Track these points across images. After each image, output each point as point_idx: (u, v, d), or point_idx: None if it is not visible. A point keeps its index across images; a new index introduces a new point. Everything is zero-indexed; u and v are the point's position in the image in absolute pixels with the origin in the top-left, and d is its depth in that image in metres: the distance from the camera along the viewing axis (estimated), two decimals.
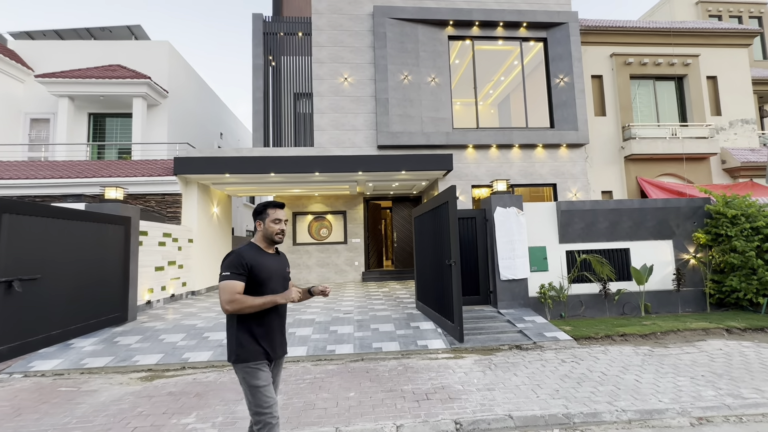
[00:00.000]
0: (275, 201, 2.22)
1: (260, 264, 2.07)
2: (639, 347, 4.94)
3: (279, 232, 2.17)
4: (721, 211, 6.51)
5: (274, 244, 2.21)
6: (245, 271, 2.02)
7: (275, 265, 2.16)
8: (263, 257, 2.13)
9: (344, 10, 10.59)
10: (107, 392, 3.93)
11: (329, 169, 9.14)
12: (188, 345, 5.19)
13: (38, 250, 4.63)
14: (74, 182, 8.77)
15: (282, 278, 2.20)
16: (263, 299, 1.99)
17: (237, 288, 1.97)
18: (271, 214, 2.16)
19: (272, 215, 2.16)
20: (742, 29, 11.79)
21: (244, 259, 2.04)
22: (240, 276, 2.00)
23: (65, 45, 12.53)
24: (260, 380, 2.02)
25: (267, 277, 2.10)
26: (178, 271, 8.75)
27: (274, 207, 2.18)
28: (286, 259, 2.36)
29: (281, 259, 2.28)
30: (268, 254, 2.19)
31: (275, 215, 2.16)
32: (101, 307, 5.69)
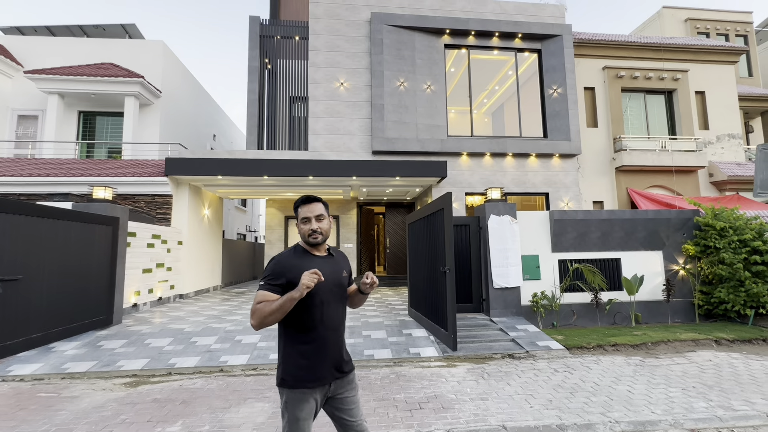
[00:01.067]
0: (305, 196, 1.85)
1: (303, 267, 1.68)
2: (630, 357, 4.95)
3: (311, 233, 1.77)
4: (709, 224, 6.61)
5: (312, 246, 1.82)
6: (282, 281, 1.68)
7: (325, 269, 1.73)
8: (306, 261, 1.75)
9: (342, 16, 10.62)
10: (89, 398, 3.80)
11: (323, 173, 9.09)
12: (175, 350, 5.06)
13: (21, 249, 4.48)
14: (61, 181, 8.57)
15: (335, 286, 1.80)
16: (279, 301, 1.59)
17: (266, 299, 1.63)
18: (299, 213, 1.81)
19: (300, 214, 1.81)
20: (729, 47, 12.12)
21: (279, 265, 1.72)
22: (273, 286, 1.67)
23: (57, 41, 12.34)
24: (302, 411, 1.66)
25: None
26: (166, 274, 8.58)
27: (301, 204, 1.83)
28: (345, 261, 1.94)
29: (335, 262, 1.86)
30: (315, 257, 1.80)
31: (302, 213, 1.80)
32: (85, 310, 5.53)
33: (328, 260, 1.84)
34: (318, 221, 1.79)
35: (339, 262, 1.89)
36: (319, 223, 1.79)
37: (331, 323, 1.75)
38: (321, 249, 1.85)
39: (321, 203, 1.84)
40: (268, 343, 5.30)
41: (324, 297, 1.73)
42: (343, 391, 1.78)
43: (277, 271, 1.70)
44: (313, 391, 1.69)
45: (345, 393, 1.79)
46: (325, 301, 1.74)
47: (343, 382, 1.79)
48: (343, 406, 1.78)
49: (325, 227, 1.81)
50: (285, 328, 1.74)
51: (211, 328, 5.94)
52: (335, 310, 1.78)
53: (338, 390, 1.77)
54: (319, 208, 1.82)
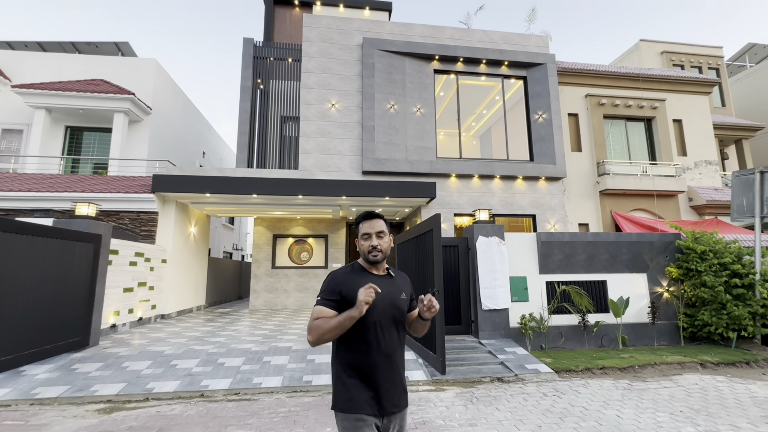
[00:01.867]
0: (367, 212, 1.80)
1: (360, 284, 1.61)
2: (618, 381, 4.94)
3: (371, 250, 1.70)
4: (690, 247, 6.78)
5: (371, 263, 1.74)
6: (337, 297, 1.64)
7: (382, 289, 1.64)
8: (363, 279, 1.67)
9: (335, 40, 10.90)
10: (59, 426, 3.59)
11: (313, 192, 9.09)
12: (154, 374, 4.85)
13: None
14: (44, 196, 8.38)
15: (392, 307, 1.69)
16: (339, 318, 1.54)
17: (322, 314, 1.60)
18: (360, 229, 1.75)
19: (361, 230, 1.75)
20: (702, 78, 12.78)
21: (335, 281, 1.68)
22: (329, 302, 1.63)
23: (47, 57, 12.32)
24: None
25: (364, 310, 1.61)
26: (148, 293, 8.33)
27: (363, 220, 1.77)
28: (405, 282, 1.83)
29: (393, 283, 1.76)
30: (373, 276, 1.73)
31: (363, 229, 1.74)
32: (60, 331, 5.30)
33: (387, 280, 1.75)
34: (379, 238, 1.72)
35: (398, 283, 1.78)
36: (379, 240, 1.72)
37: (385, 348, 1.63)
38: (380, 268, 1.77)
39: (383, 220, 1.77)
40: (252, 366, 5.14)
41: (378, 318, 1.63)
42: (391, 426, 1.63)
43: (333, 286, 1.66)
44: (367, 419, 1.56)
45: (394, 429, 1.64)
46: (379, 323, 1.63)
47: (395, 417, 1.64)
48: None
49: (385, 245, 1.74)
50: (337, 349, 1.67)
51: (193, 351, 5.74)
52: (390, 334, 1.66)
53: (389, 425, 1.63)
54: (381, 224, 1.74)
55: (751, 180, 6.67)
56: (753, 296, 6.24)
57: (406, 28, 11.30)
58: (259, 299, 11.49)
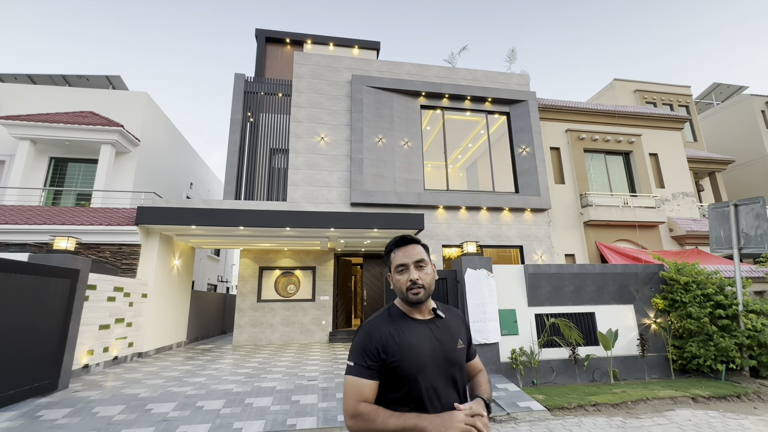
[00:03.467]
0: (400, 237, 1.39)
1: (400, 345, 1.27)
2: (612, 418, 4.83)
3: (411, 287, 1.31)
4: (674, 278, 6.88)
5: (412, 305, 1.34)
6: (376, 361, 1.26)
7: (430, 344, 1.30)
8: (407, 330, 1.31)
9: (324, 76, 11.26)
10: None
11: (301, 224, 9.04)
12: (126, 420, 4.55)
13: None
14: (21, 229, 8.11)
15: (447, 363, 1.29)
16: (403, 422, 1.16)
17: (363, 393, 1.23)
18: (393, 260, 1.37)
19: (394, 261, 1.36)
20: (674, 115, 13.51)
21: (372, 340, 1.28)
22: (368, 369, 1.25)
23: (35, 89, 12.35)
24: None
25: (415, 369, 1.25)
26: (125, 330, 7.97)
27: (395, 247, 1.38)
28: (460, 325, 1.42)
29: (446, 329, 1.36)
30: (417, 322, 1.34)
31: (397, 259, 1.35)
32: (27, 374, 4.98)
33: (437, 326, 1.35)
34: (419, 269, 1.33)
35: (451, 327, 1.38)
36: (420, 271, 1.32)
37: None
38: (424, 310, 1.36)
39: (420, 245, 1.38)
40: (233, 409, 4.88)
41: (431, 383, 1.25)
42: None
43: (369, 346, 1.27)
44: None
45: None
46: (432, 389, 1.25)
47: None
48: None
49: (428, 279, 1.33)
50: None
51: (170, 393, 5.44)
52: (448, 398, 1.27)
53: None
54: (419, 251, 1.35)
55: (726, 213, 6.91)
56: (738, 327, 6.30)
57: (394, 66, 11.77)
58: (243, 334, 11.08)
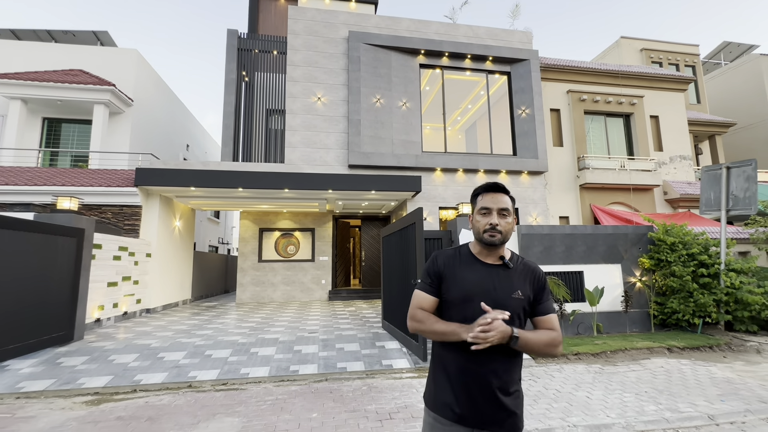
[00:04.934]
0: (489, 183, 1.49)
1: (457, 275, 1.43)
2: (591, 365, 5.22)
3: (488, 229, 1.41)
4: (662, 239, 7.11)
5: (488, 246, 1.43)
6: (435, 280, 1.46)
7: (483, 284, 1.41)
8: (468, 267, 1.45)
9: (320, 33, 10.86)
10: (47, 418, 3.64)
11: (299, 186, 9.13)
12: (141, 366, 4.91)
13: None
14: (23, 190, 8.20)
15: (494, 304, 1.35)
16: (445, 327, 1.37)
17: (422, 302, 1.46)
18: (478, 203, 1.47)
19: (479, 203, 1.46)
20: (678, 76, 13.20)
21: (436, 265, 1.48)
22: (429, 286, 1.46)
23: (22, 45, 11.91)
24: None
25: (463, 297, 1.41)
26: (132, 287, 8.30)
27: (483, 191, 1.48)
28: (527, 277, 1.45)
29: (507, 276, 1.43)
30: (480, 264, 1.45)
31: (483, 203, 1.45)
32: (44, 326, 5.29)
33: (499, 272, 1.44)
34: (501, 216, 1.42)
35: (514, 277, 1.43)
36: (502, 219, 1.41)
37: (479, 354, 1.31)
38: (495, 255, 1.45)
39: (509, 196, 1.47)
40: (239, 357, 5.24)
41: (476, 314, 1.34)
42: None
43: (434, 268, 1.47)
44: (450, 425, 1.36)
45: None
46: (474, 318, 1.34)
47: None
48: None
49: (507, 227, 1.42)
50: (432, 342, 1.51)
51: (180, 343, 5.80)
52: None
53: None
54: (506, 201, 1.44)
55: (718, 175, 7.02)
56: (718, 285, 6.61)
57: (392, 21, 11.32)
58: (245, 292, 11.51)
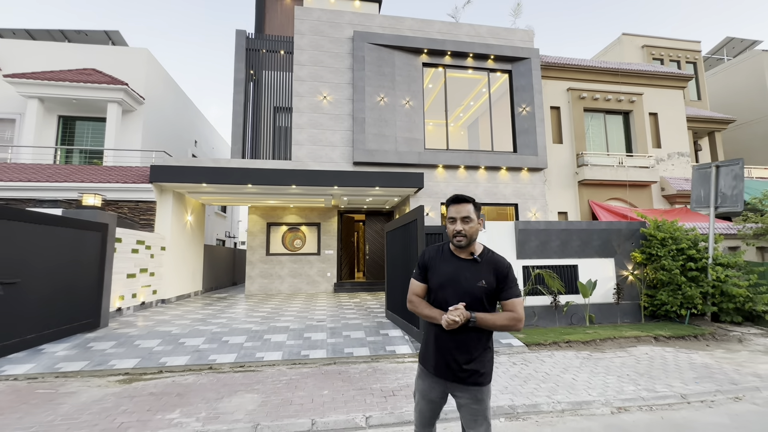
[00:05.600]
0: (455, 195, 1.83)
1: (437, 267, 1.82)
2: (580, 352, 5.61)
3: (455, 234, 1.76)
4: (653, 234, 7.44)
5: (455, 248, 1.83)
6: (422, 270, 1.87)
7: (455, 274, 1.78)
8: (447, 261, 1.82)
9: (325, 33, 11.15)
10: (87, 393, 4.08)
11: (306, 182, 9.50)
12: (164, 350, 5.35)
13: (18, 254, 4.72)
14: (44, 186, 8.63)
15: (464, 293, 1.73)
16: (429, 311, 1.78)
17: (415, 289, 1.89)
18: (448, 212, 1.81)
19: (448, 213, 1.81)
20: (678, 73, 13.39)
21: (424, 258, 1.88)
22: (419, 275, 1.87)
23: (37, 45, 12.29)
24: (418, 385, 1.91)
25: (439, 285, 1.81)
26: (149, 279, 8.75)
27: (451, 202, 1.83)
28: (491, 269, 1.79)
29: (476, 269, 1.78)
30: (456, 259, 1.82)
31: (450, 213, 1.79)
32: (74, 313, 5.74)
33: (469, 265, 1.80)
34: (464, 223, 1.76)
35: (481, 269, 1.78)
36: (465, 225, 1.76)
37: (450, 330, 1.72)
38: (466, 252, 1.83)
39: (471, 204, 1.80)
40: (254, 343, 5.67)
41: (448, 297, 1.75)
42: (460, 395, 1.82)
43: (422, 262, 1.90)
44: (430, 376, 1.84)
45: (461, 399, 1.82)
46: (446, 302, 1.75)
47: (459, 388, 1.80)
48: (459, 409, 1.85)
49: (470, 230, 1.76)
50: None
51: (198, 330, 6.24)
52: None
53: (455, 392, 1.82)
54: (468, 209, 1.77)
55: (708, 173, 7.32)
56: (705, 278, 6.95)
57: (395, 21, 11.59)
58: (254, 285, 11.97)
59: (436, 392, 1.86)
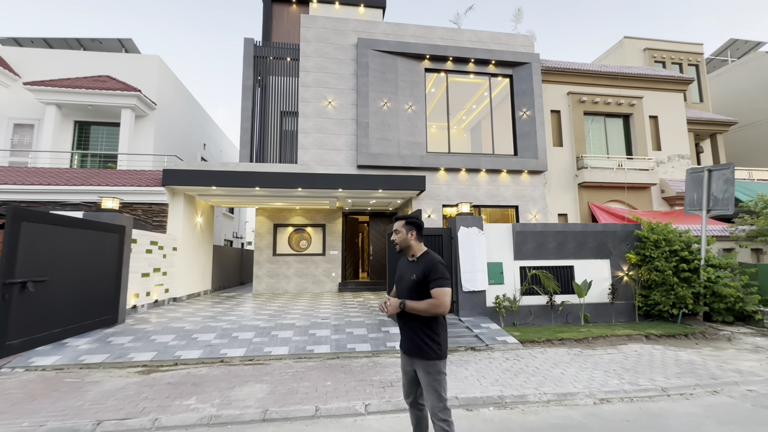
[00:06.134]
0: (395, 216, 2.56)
1: (398, 268, 2.57)
2: (572, 349, 5.87)
3: (395, 243, 2.53)
4: (646, 236, 7.66)
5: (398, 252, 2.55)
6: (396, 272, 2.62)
7: (404, 272, 2.47)
8: (403, 263, 2.56)
9: (330, 40, 11.50)
10: (110, 383, 4.44)
11: (312, 185, 9.84)
12: (179, 344, 5.71)
13: (47, 254, 5.11)
14: (62, 189, 9.07)
15: (404, 282, 2.42)
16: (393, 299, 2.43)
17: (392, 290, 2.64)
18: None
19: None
20: (678, 77, 13.52)
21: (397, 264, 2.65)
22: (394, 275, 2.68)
23: (54, 53, 12.79)
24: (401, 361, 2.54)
25: (396, 280, 2.55)
26: (162, 278, 9.15)
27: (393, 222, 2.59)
28: (422, 267, 2.37)
29: (414, 267, 2.42)
30: (406, 260, 2.54)
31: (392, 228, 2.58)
32: (95, 310, 6.13)
33: (410, 264, 2.48)
34: (396, 234, 2.52)
35: (416, 267, 2.41)
36: (396, 235, 2.52)
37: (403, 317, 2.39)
38: (409, 254, 2.52)
39: (400, 221, 2.52)
40: (262, 338, 6.01)
41: (399, 288, 2.50)
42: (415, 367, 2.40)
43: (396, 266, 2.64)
44: (401, 352, 2.50)
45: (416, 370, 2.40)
46: (399, 293, 2.49)
47: (413, 361, 2.39)
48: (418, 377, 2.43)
49: (398, 239, 2.51)
50: None
51: (210, 327, 6.60)
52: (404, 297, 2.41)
53: (413, 365, 2.40)
54: (396, 225, 2.53)
55: (701, 177, 7.52)
56: (697, 279, 7.17)
57: (398, 28, 11.90)
58: (261, 284, 12.34)
59: (405, 364, 2.49)
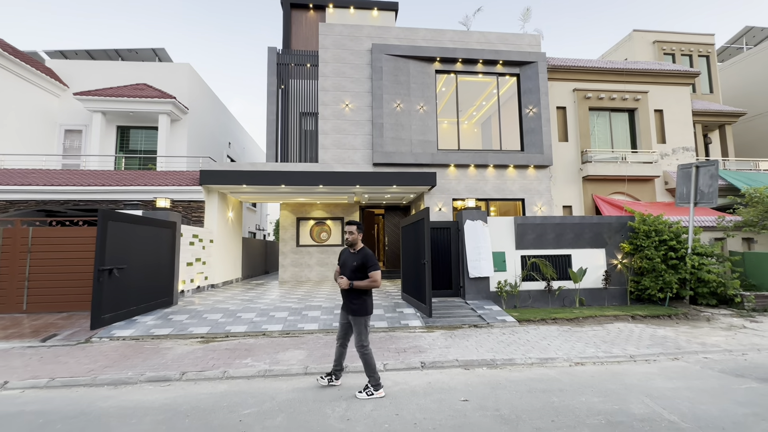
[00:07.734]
0: (347, 221, 4.06)
1: (342, 258, 3.98)
2: (562, 326, 6.73)
3: (346, 239, 3.93)
4: (638, 227, 8.37)
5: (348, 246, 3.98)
6: (338, 260, 4.04)
7: (347, 260, 3.88)
8: (345, 254, 3.98)
9: (347, 46, 12.34)
10: (180, 349, 5.57)
11: (331, 182, 10.83)
12: (227, 321, 6.83)
13: (123, 246, 6.26)
14: (115, 190, 10.33)
15: (349, 268, 3.82)
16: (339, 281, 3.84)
17: (337, 268, 4.00)
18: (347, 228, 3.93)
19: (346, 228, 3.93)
20: (684, 70, 13.83)
21: (340, 254, 4.05)
22: (338, 263, 4.07)
23: (96, 64, 14.07)
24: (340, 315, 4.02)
25: (341, 266, 3.96)
26: (202, 267, 10.36)
27: (345, 224, 3.94)
28: (362, 256, 3.79)
29: (355, 256, 3.84)
30: (350, 251, 3.93)
31: (345, 228, 3.94)
32: (156, 292, 7.31)
33: (351, 254, 3.95)
34: (348, 234, 3.92)
35: (356, 257, 3.87)
36: (349, 235, 3.92)
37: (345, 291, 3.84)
38: (353, 248, 3.93)
39: (353, 225, 3.90)
40: (295, 317, 7.08)
41: (345, 273, 3.89)
42: (350, 319, 3.88)
43: (340, 256, 4.06)
44: (341, 310, 3.99)
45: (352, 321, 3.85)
46: (345, 275, 3.87)
47: (348, 316, 3.87)
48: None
49: (350, 238, 3.92)
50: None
51: (249, 308, 7.73)
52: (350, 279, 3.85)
53: (349, 318, 3.87)
54: (348, 228, 3.92)
55: (689, 173, 8.15)
56: (683, 266, 7.86)
57: (410, 32, 12.63)
58: (286, 272, 13.51)
59: (343, 318, 3.98)
